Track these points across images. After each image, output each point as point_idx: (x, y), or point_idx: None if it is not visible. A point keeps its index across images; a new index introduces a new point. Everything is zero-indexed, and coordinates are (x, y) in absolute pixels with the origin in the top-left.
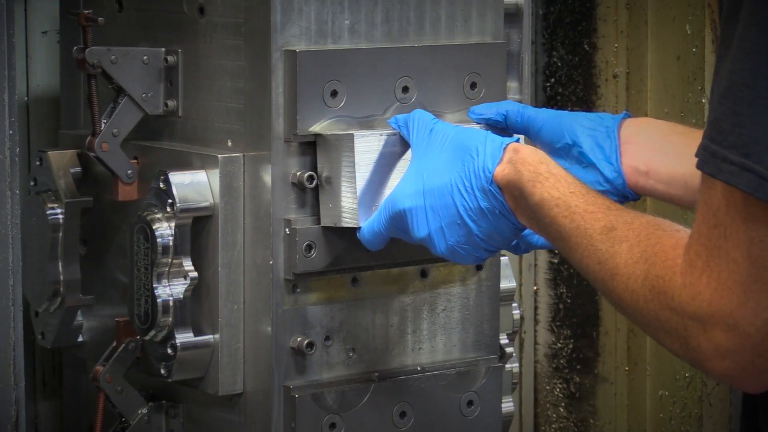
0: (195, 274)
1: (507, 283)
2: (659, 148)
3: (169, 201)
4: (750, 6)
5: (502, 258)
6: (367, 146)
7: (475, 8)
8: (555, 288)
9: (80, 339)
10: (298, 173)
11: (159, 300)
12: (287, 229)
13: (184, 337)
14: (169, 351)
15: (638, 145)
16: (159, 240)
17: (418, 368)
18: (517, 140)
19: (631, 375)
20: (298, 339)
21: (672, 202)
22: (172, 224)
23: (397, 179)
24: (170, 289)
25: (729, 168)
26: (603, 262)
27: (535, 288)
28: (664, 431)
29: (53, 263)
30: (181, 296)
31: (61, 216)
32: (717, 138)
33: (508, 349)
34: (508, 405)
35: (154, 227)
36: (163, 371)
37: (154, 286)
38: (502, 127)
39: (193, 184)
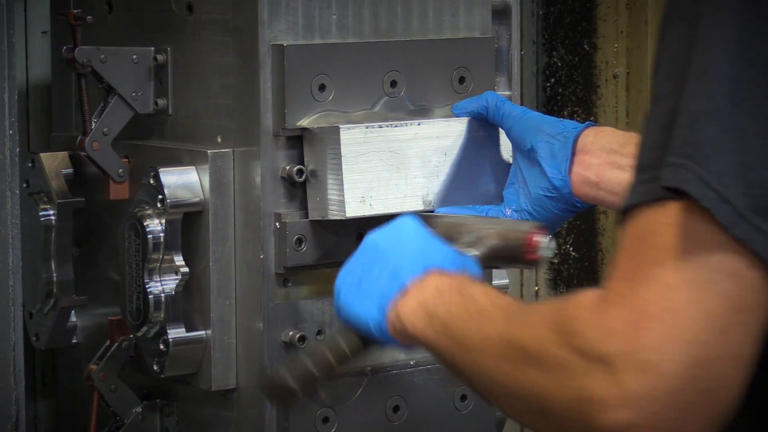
0: (186, 269)
1: (499, 279)
2: (613, 160)
3: (160, 197)
4: (718, 30)
5: None
6: (353, 138)
7: (463, 3)
8: (555, 288)
9: (74, 341)
10: (288, 167)
11: (151, 296)
12: (277, 224)
13: (176, 332)
14: (162, 347)
15: (592, 155)
16: (150, 236)
17: (412, 362)
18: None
19: None
20: (290, 333)
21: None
22: (163, 220)
23: (383, 171)
24: (162, 285)
25: (712, 195)
26: (512, 320)
27: (535, 288)
28: None
29: (46, 264)
30: (173, 292)
31: (53, 217)
32: (702, 162)
33: None
34: None
35: (144, 223)
36: (155, 367)
37: (146, 282)
38: (484, 120)
39: (184, 180)
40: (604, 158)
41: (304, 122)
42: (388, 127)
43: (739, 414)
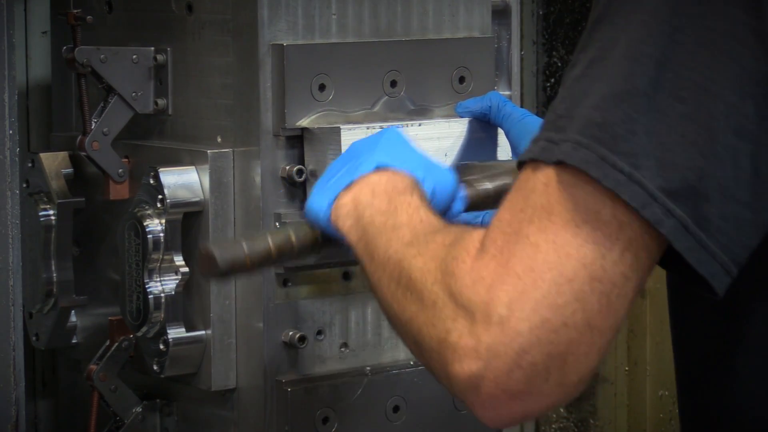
0: (186, 269)
1: None
2: None
3: (160, 197)
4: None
5: None
6: (354, 139)
7: (463, 3)
8: None
9: (74, 341)
10: (288, 167)
11: (150, 296)
12: (277, 224)
13: (176, 332)
14: (162, 347)
15: None
16: (150, 236)
17: (411, 362)
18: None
19: (631, 375)
20: (290, 333)
21: None
22: (163, 220)
23: None
24: (162, 285)
25: (616, 175)
26: (413, 245)
27: None
28: (664, 431)
29: (46, 264)
30: (173, 292)
31: (53, 217)
32: (607, 141)
33: None
34: None
35: (144, 223)
36: (155, 367)
37: (146, 281)
38: (485, 121)
39: (184, 180)
40: None
41: (304, 122)
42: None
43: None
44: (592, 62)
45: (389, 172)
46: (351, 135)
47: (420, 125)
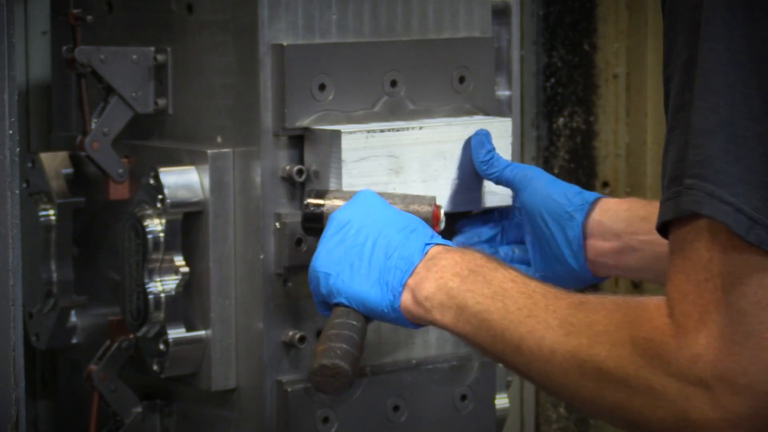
0: (186, 269)
1: None
2: (626, 243)
3: (160, 197)
4: (726, 38)
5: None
6: (354, 144)
7: (463, 3)
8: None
9: (74, 341)
10: (288, 167)
11: (151, 296)
12: (277, 223)
13: (176, 332)
14: (162, 347)
15: (603, 239)
16: (150, 236)
17: (412, 362)
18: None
19: None
20: (290, 333)
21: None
22: (163, 220)
23: (383, 176)
24: (162, 285)
25: (725, 208)
26: (572, 333)
27: None
28: None
29: (46, 264)
30: (173, 292)
31: (53, 217)
32: (711, 177)
33: None
34: (502, 402)
35: (144, 223)
36: (155, 367)
37: (146, 281)
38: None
39: (183, 180)
40: (615, 243)
41: (304, 122)
42: (389, 131)
43: None
44: (687, 95)
45: (439, 246)
46: (351, 139)
47: (421, 129)
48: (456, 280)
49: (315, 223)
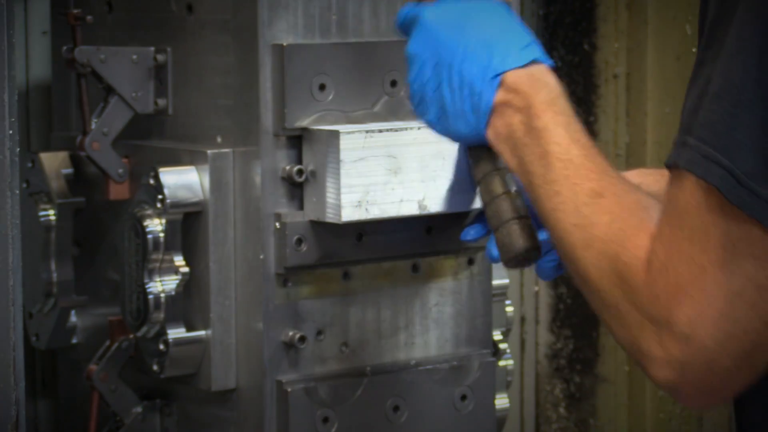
0: (186, 269)
1: (499, 279)
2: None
3: (160, 197)
4: (748, 7)
5: None
6: (353, 144)
7: None
8: (555, 288)
9: (74, 341)
10: (288, 167)
11: (150, 296)
12: (277, 224)
13: (176, 332)
14: (162, 347)
15: None
16: (150, 236)
17: (412, 362)
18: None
19: (631, 375)
20: (290, 333)
21: None
22: (163, 220)
23: (381, 175)
24: (162, 285)
25: (719, 171)
26: (580, 226)
27: (536, 288)
28: (664, 431)
29: (46, 264)
30: (173, 292)
31: (53, 217)
32: (710, 140)
33: (502, 345)
34: (502, 402)
35: (144, 223)
36: (155, 367)
37: (146, 281)
38: None
39: (183, 180)
40: None
41: (304, 122)
42: (387, 131)
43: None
44: (710, 51)
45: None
46: (350, 139)
47: (419, 129)
48: (562, 100)
49: None
